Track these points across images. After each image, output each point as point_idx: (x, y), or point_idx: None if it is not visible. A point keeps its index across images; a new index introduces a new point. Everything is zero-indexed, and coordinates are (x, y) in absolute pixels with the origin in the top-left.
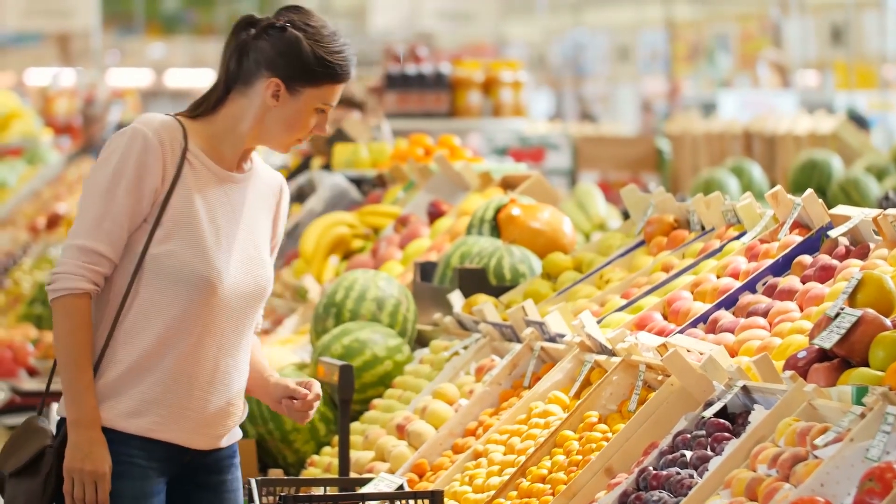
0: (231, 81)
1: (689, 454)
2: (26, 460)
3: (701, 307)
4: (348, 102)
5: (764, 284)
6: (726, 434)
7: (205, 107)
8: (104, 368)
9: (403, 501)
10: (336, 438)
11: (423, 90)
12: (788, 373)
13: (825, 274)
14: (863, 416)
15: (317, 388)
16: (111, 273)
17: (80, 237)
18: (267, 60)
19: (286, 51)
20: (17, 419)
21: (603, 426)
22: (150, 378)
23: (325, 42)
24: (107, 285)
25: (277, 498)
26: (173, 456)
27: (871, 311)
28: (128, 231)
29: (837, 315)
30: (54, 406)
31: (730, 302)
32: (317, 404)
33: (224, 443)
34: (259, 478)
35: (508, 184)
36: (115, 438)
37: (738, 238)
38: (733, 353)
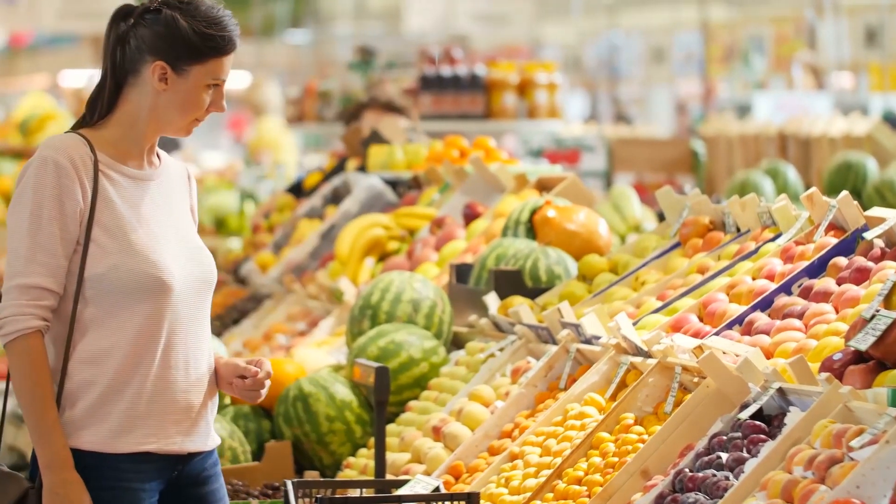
0: (120, 76)
1: (724, 456)
2: None
3: (736, 309)
4: (390, 107)
5: (799, 286)
6: (762, 436)
7: (99, 110)
8: (73, 397)
9: (439, 503)
10: (372, 440)
11: (458, 92)
12: (824, 375)
13: (860, 276)
14: None
15: (267, 366)
16: (57, 304)
17: (16, 277)
18: (149, 46)
19: (164, 32)
20: None
21: (639, 428)
22: (130, 393)
23: (203, 16)
24: (54, 316)
25: (313, 500)
26: (164, 470)
27: None
28: (65, 258)
29: (873, 317)
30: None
31: (765, 304)
32: (268, 383)
33: (211, 443)
34: (295, 480)
35: (544, 185)
36: (103, 463)
37: (773, 240)
38: (769, 355)
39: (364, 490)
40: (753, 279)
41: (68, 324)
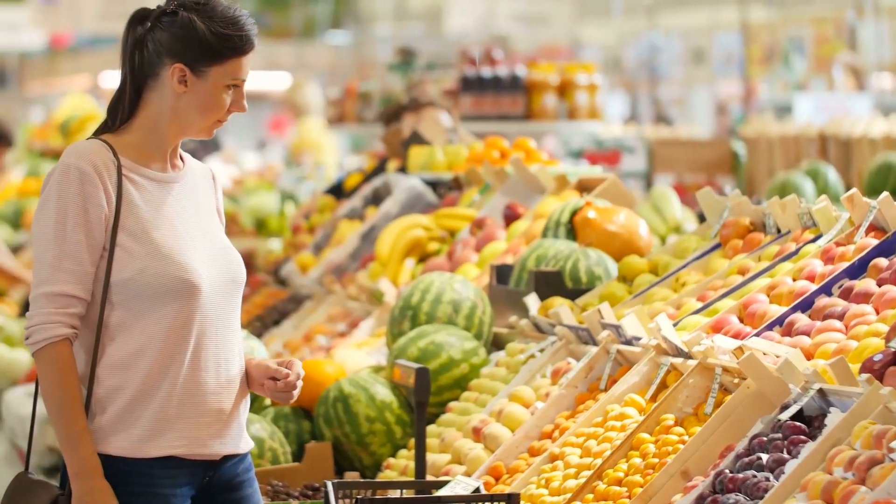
0: (139, 80)
1: (765, 457)
2: None
3: (777, 310)
4: (431, 105)
5: (840, 287)
6: (802, 437)
7: (121, 115)
8: (102, 403)
9: None
10: (412, 441)
11: (498, 93)
12: (864, 375)
13: None
14: None
15: (297, 367)
16: (85, 311)
17: (43, 285)
18: (166, 48)
19: (181, 34)
20: None
21: (679, 429)
22: (159, 397)
23: (219, 17)
24: (82, 322)
25: (354, 501)
26: (195, 475)
27: None
28: (91, 265)
29: None
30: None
31: (806, 305)
32: (299, 384)
33: (244, 446)
34: (335, 480)
35: (584, 186)
36: (134, 469)
37: (813, 241)
38: (809, 356)
39: (404, 491)
40: (794, 280)
41: (96, 330)
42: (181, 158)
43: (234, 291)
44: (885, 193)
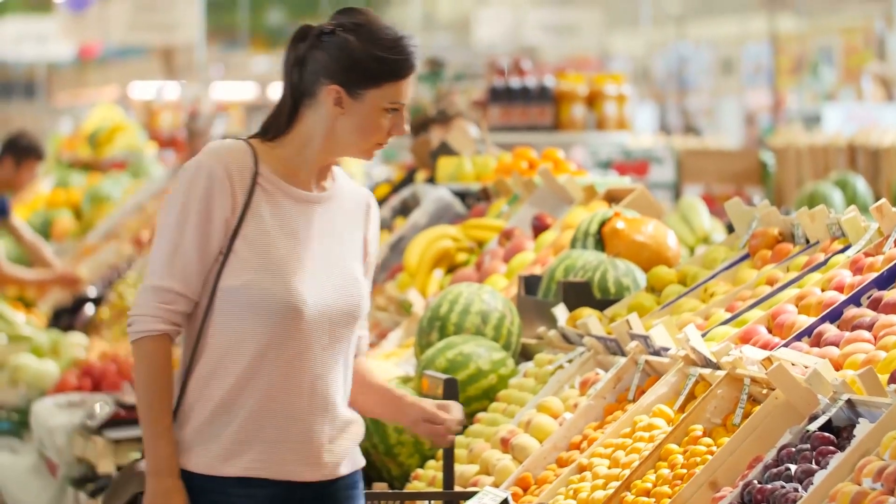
0: (297, 97)
1: (793, 468)
2: None
3: (805, 320)
4: (460, 116)
5: (869, 298)
6: (831, 448)
7: (276, 128)
8: (188, 412)
9: None
10: (440, 452)
11: (526, 103)
12: (893, 386)
13: None
14: None
15: (457, 411)
16: (191, 311)
17: (154, 278)
18: (324, 69)
19: (339, 55)
20: (122, 433)
21: (707, 440)
22: (242, 415)
23: (378, 39)
24: (187, 326)
25: None
26: (279, 496)
27: None
28: (203, 266)
29: None
30: None
31: (834, 315)
32: (457, 428)
33: (344, 470)
34: (364, 491)
35: (612, 197)
36: (211, 487)
37: (842, 251)
38: (838, 367)
39: (432, 502)
40: (822, 291)
41: (196, 335)
42: (333, 180)
43: (345, 323)
44: None
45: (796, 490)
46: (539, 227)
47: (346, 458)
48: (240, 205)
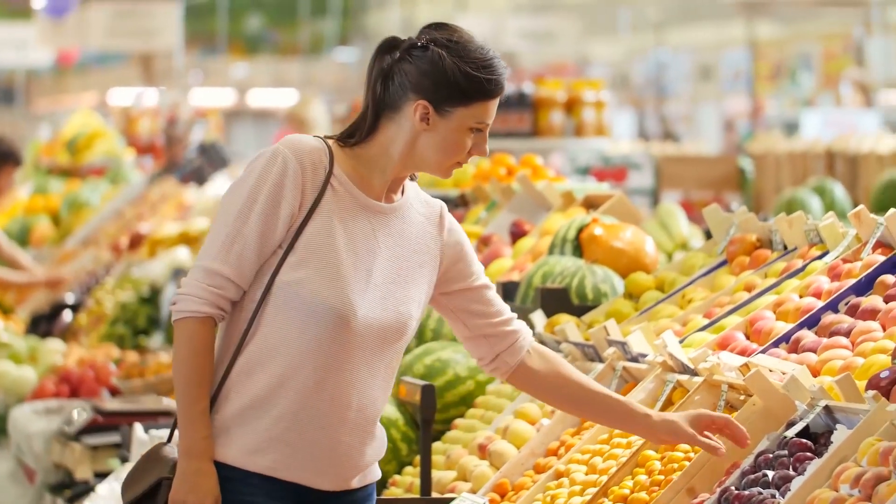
0: (379, 108)
1: (771, 474)
2: (143, 491)
3: (783, 327)
4: None
5: (846, 304)
6: (808, 454)
7: (357, 137)
8: (224, 400)
9: None
10: (418, 458)
11: (505, 109)
12: (871, 392)
13: None
14: None
15: (738, 431)
16: (239, 299)
17: (208, 259)
18: (412, 83)
19: (430, 70)
20: (100, 439)
21: (685, 446)
22: (273, 413)
23: (471, 57)
24: (234, 313)
25: None
26: (297, 496)
27: None
28: (258, 256)
29: None
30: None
31: (812, 322)
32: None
33: (356, 483)
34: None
35: (591, 203)
36: (234, 476)
37: (820, 258)
38: (815, 373)
39: None
40: (800, 297)
41: (245, 326)
42: (402, 193)
43: (390, 340)
44: (893, 210)
45: (774, 496)
46: (517, 234)
47: (365, 472)
48: (308, 201)
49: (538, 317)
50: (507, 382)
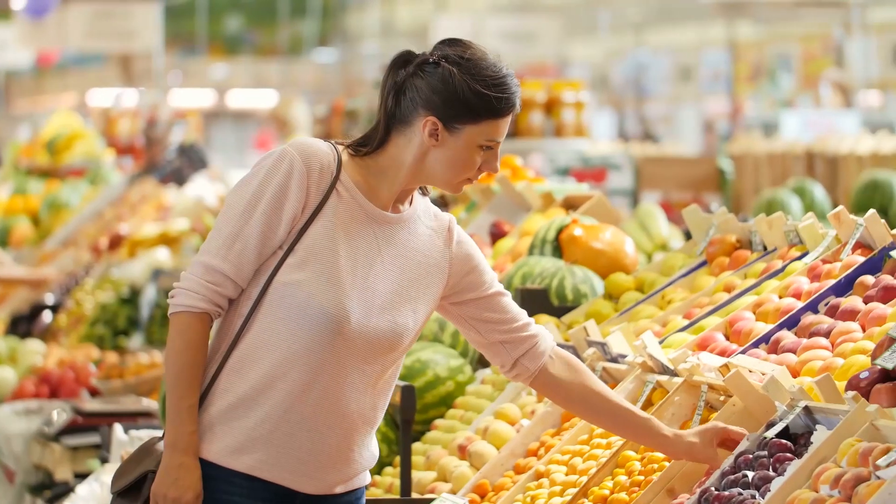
0: (390, 121)
1: (750, 475)
2: (129, 483)
3: (763, 327)
4: None
5: (826, 305)
6: (788, 454)
7: (369, 147)
8: (213, 397)
9: None
10: (398, 459)
11: None
12: (851, 393)
13: (888, 294)
14: None
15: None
16: (237, 297)
17: (208, 255)
18: (423, 99)
19: (440, 87)
20: (79, 440)
21: None
22: (259, 413)
23: (482, 75)
24: (230, 310)
25: None
26: (280, 498)
27: None
28: (259, 255)
29: None
30: None
31: (792, 322)
32: None
33: (339, 490)
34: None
35: (570, 204)
36: (216, 474)
37: (800, 258)
38: (795, 374)
39: None
40: (780, 298)
41: (240, 324)
42: (410, 204)
43: (384, 349)
44: (872, 211)
45: (753, 497)
46: (497, 234)
47: (351, 478)
48: (312, 204)
49: None
50: (532, 389)
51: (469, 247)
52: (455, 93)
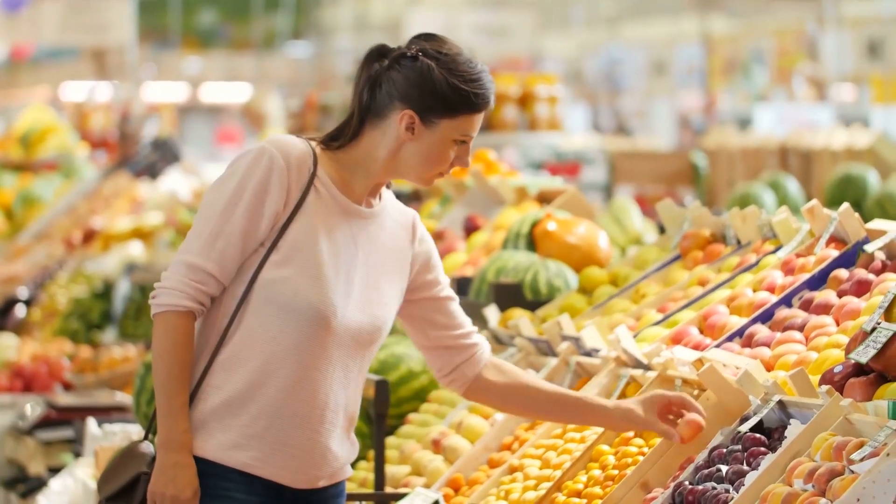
0: (365, 114)
1: (725, 469)
2: (120, 486)
3: (737, 321)
4: None
5: (800, 299)
6: (762, 449)
7: (341, 141)
8: (203, 395)
9: None
10: (371, 453)
11: None
12: (824, 387)
13: (861, 288)
14: None
15: (689, 405)
16: (219, 295)
17: (190, 253)
18: (399, 92)
19: (418, 81)
20: (53, 434)
21: (639, 440)
22: (253, 410)
23: (460, 70)
24: (213, 308)
25: None
26: (273, 492)
27: None
28: (241, 253)
29: (874, 329)
30: None
31: (766, 316)
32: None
33: (323, 483)
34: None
35: (544, 198)
36: (212, 471)
37: (774, 252)
38: (769, 368)
39: (364, 503)
40: (754, 291)
41: (227, 322)
42: (379, 198)
43: (366, 343)
44: (846, 205)
45: (727, 491)
46: (470, 228)
47: (336, 471)
48: (293, 201)
49: (492, 312)
50: (464, 396)
51: (430, 245)
52: (433, 87)
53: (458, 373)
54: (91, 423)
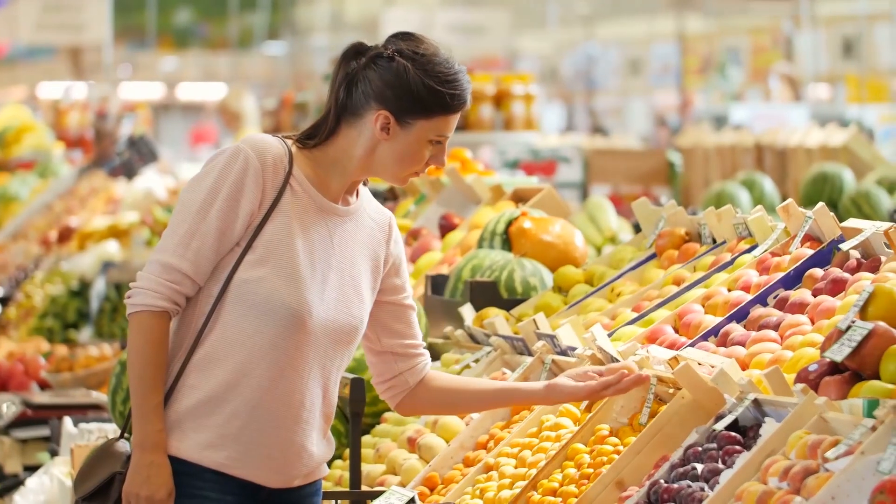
0: (341, 113)
1: (700, 467)
2: (96, 486)
3: (712, 320)
4: None
5: (775, 297)
6: (737, 447)
7: (316, 139)
8: (179, 394)
9: None
10: (347, 451)
11: None
12: (799, 386)
13: (836, 287)
14: (874, 428)
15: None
16: (194, 295)
17: (165, 253)
18: (375, 92)
19: (394, 81)
20: (29, 433)
21: (614, 439)
22: (228, 410)
23: (436, 71)
24: (189, 308)
25: None
26: (248, 491)
27: (882, 323)
28: (216, 253)
29: (849, 328)
30: None
31: (741, 315)
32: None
33: (299, 482)
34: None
35: (520, 197)
36: (187, 470)
37: (749, 251)
38: (744, 366)
39: (339, 501)
40: (729, 290)
41: (202, 322)
42: (357, 196)
43: (342, 342)
44: (821, 204)
45: (702, 489)
46: (446, 227)
47: (312, 470)
48: (269, 200)
49: (467, 310)
50: (395, 409)
51: (402, 250)
52: (409, 88)
53: (399, 379)
54: (67, 422)
